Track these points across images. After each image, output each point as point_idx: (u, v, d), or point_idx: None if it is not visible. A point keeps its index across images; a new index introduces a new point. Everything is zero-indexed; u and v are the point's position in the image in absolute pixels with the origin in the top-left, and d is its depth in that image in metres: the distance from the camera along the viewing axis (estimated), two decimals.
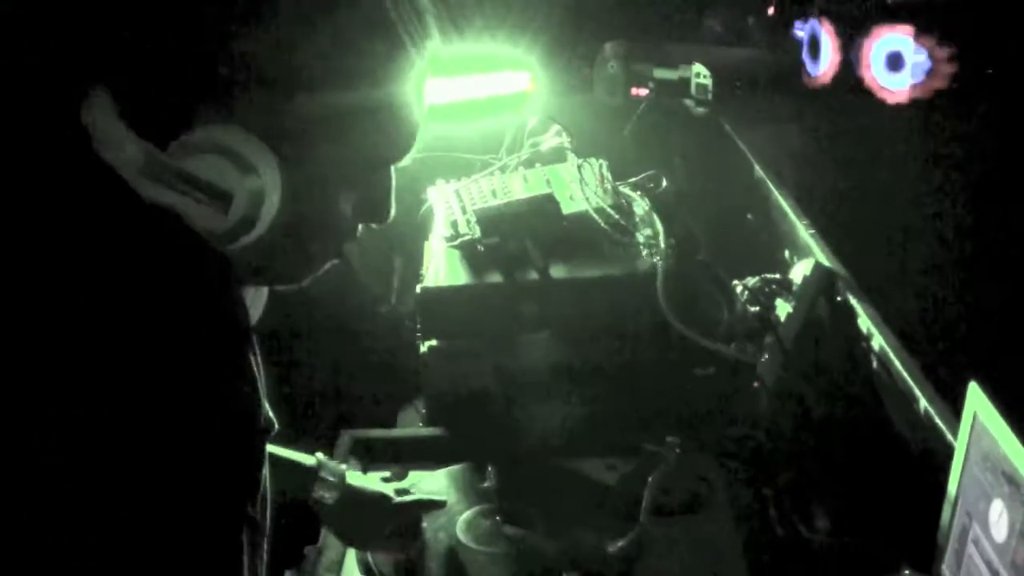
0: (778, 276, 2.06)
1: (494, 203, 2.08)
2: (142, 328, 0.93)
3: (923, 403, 1.62)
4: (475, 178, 2.26)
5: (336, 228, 1.11)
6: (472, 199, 2.15)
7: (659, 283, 1.93)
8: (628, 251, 2.03)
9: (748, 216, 2.56)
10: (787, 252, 2.25)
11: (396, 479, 1.74)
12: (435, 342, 1.96)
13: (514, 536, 1.65)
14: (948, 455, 1.43)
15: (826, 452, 1.80)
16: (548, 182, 2.20)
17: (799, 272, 2.04)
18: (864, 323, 1.85)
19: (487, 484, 1.76)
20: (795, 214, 2.25)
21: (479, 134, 2.60)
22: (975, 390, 1.35)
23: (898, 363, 1.71)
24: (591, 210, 2.07)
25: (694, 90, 2.81)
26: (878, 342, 1.79)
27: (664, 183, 2.24)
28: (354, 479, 1.62)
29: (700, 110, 2.82)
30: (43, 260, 0.92)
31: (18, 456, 0.89)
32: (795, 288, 2.02)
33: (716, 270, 2.10)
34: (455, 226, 2.09)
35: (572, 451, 1.87)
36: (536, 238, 2.00)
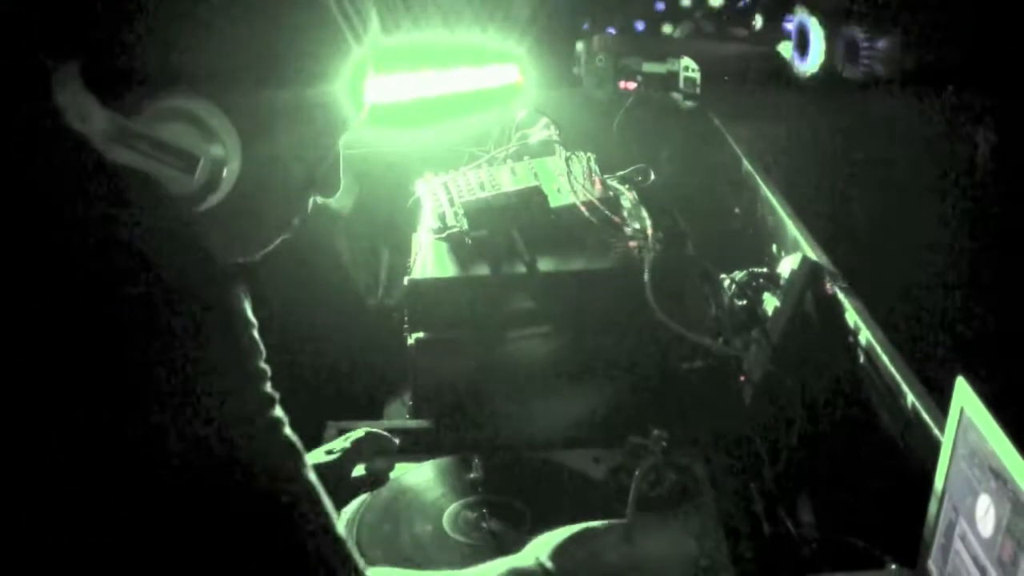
0: (765, 270, 2.06)
1: (482, 195, 2.08)
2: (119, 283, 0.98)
3: (910, 398, 1.62)
4: (463, 171, 2.26)
5: (289, 197, 1.21)
6: (460, 192, 2.15)
7: (646, 276, 1.92)
8: (615, 244, 2.03)
9: (736, 210, 2.56)
10: (775, 246, 2.25)
11: (373, 473, 1.75)
12: (422, 334, 1.96)
13: (499, 528, 1.65)
14: (935, 450, 1.43)
15: (812, 446, 1.80)
16: (536, 175, 2.20)
17: (786, 266, 2.04)
18: (851, 317, 1.85)
19: (473, 476, 1.76)
20: (783, 208, 2.25)
21: (468, 127, 2.60)
22: (962, 385, 1.35)
23: (885, 358, 1.71)
24: (579, 203, 2.07)
25: (682, 83, 2.81)
26: (865, 336, 1.79)
27: (652, 176, 2.24)
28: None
29: (688, 103, 2.82)
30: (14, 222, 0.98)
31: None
32: (782, 282, 2.02)
33: (704, 264, 2.10)
34: (443, 218, 2.09)
35: (558, 443, 1.87)
36: (524, 231, 1.99)
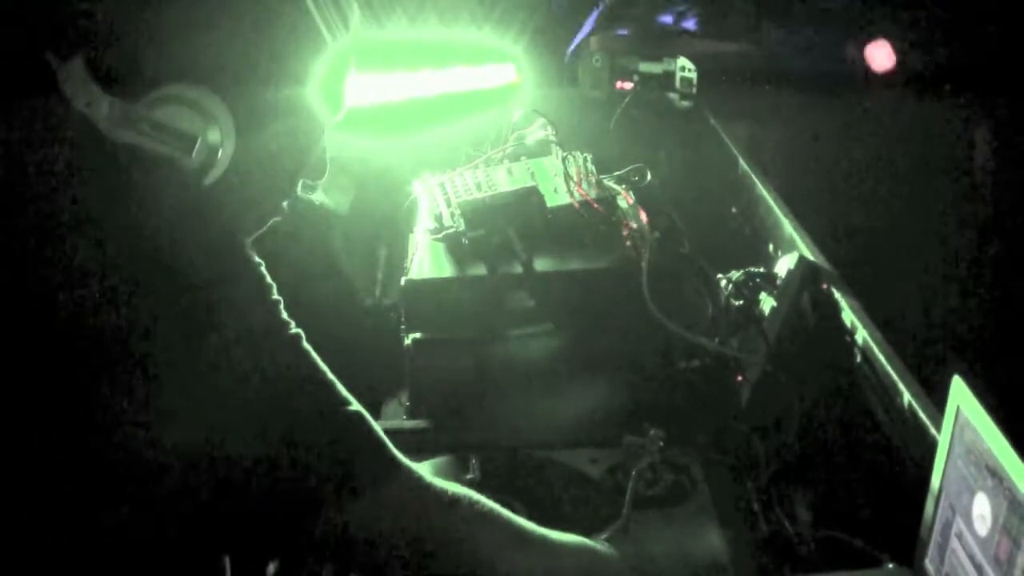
0: (762, 270, 2.06)
1: (478, 196, 2.08)
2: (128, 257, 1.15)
3: (907, 397, 1.62)
4: (460, 171, 2.26)
5: (278, 181, 1.31)
6: (457, 192, 2.15)
7: (643, 276, 1.92)
8: (612, 244, 2.03)
9: (733, 210, 2.56)
10: (771, 246, 2.25)
11: None
12: (419, 334, 1.96)
13: None
14: (931, 449, 1.44)
15: (809, 445, 1.80)
16: (533, 175, 2.19)
17: (783, 266, 2.05)
18: (848, 317, 1.85)
19: (470, 476, 1.76)
20: (780, 208, 2.25)
21: (465, 127, 2.60)
22: (958, 384, 1.36)
23: (882, 357, 1.72)
24: (575, 203, 2.07)
25: (679, 83, 2.81)
26: (861, 336, 1.79)
27: (648, 176, 2.24)
28: None
29: (685, 103, 2.82)
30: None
31: None
32: (779, 282, 2.02)
33: (700, 263, 2.10)
34: (439, 219, 2.09)
35: (555, 443, 1.87)
36: (520, 231, 1.99)
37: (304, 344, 1.27)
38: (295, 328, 1.27)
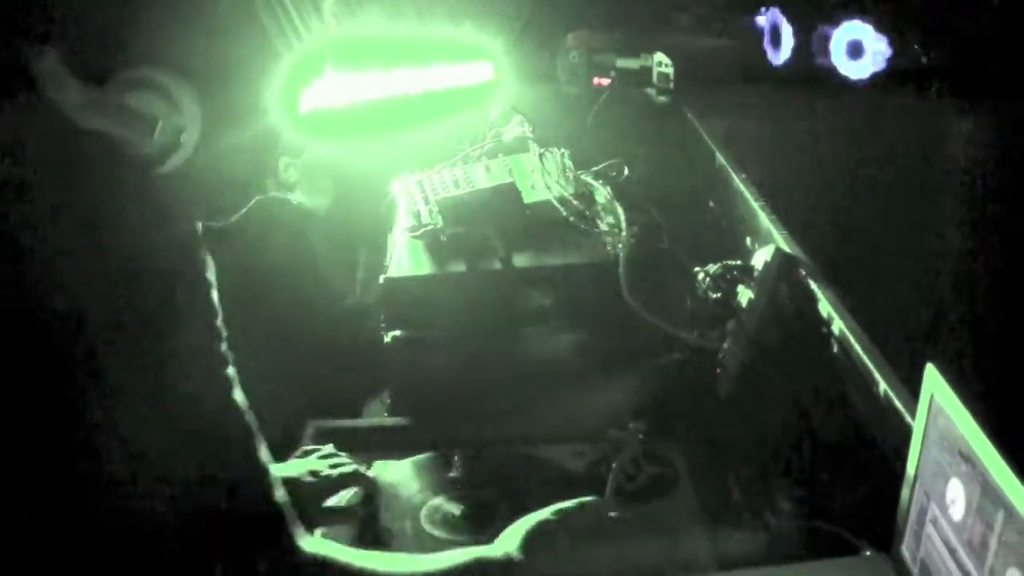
0: (739, 262, 2.07)
1: (456, 193, 2.09)
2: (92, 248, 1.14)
3: (883, 386, 1.63)
4: (438, 169, 2.27)
5: (255, 160, 1.31)
6: (435, 190, 2.16)
7: (621, 270, 1.93)
8: (591, 239, 2.04)
9: (710, 204, 2.57)
10: (749, 239, 2.26)
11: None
12: (399, 332, 1.96)
13: (478, 523, 1.66)
14: (908, 437, 1.45)
15: (789, 436, 1.81)
16: (511, 171, 2.21)
17: (760, 258, 2.05)
18: (824, 308, 1.86)
19: (453, 473, 1.77)
20: (756, 201, 2.26)
21: (443, 126, 2.61)
22: (932, 371, 1.37)
23: (858, 347, 1.73)
24: (553, 199, 2.08)
25: (656, 79, 2.83)
26: (838, 326, 1.80)
27: (626, 171, 2.25)
28: None
29: (662, 99, 2.83)
30: None
31: None
32: (756, 274, 2.03)
33: (679, 257, 2.11)
34: (418, 216, 2.10)
35: (537, 438, 1.88)
36: (498, 227, 2.00)
37: (236, 395, 1.25)
38: (232, 370, 1.24)
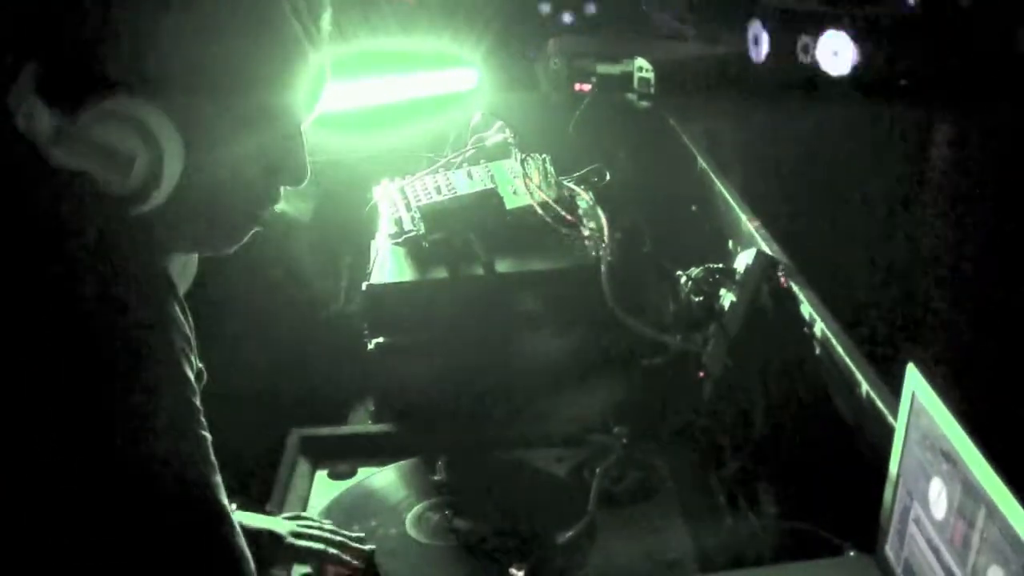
0: (721, 266, 2.07)
1: (438, 199, 2.09)
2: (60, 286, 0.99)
3: (865, 387, 1.64)
4: (420, 175, 2.27)
5: (245, 194, 1.20)
6: (417, 196, 2.16)
7: (604, 275, 1.94)
8: (573, 244, 2.05)
9: (692, 208, 2.58)
10: (731, 242, 2.27)
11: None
12: (382, 339, 1.96)
13: (463, 529, 1.66)
14: (890, 437, 1.45)
15: (772, 437, 1.81)
16: (492, 177, 2.21)
17: (742, 261, 2.06)
18: (806, 309, 1.87)
19: (438, 479, 1.77)
20: (738, 205, 2.27)
21: (425, 132, 2.61)
22: (912, 371, 1.37)
23: (840, 348, 1.73)
24: (535, 204, 2.08)
25: (637, 84, 2.84)
26: (820, 328, 1.81)
27: (607, 176, 2.25)
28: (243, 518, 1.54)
29: (643, 104, 2.84)
30: None
31: None
32: (738, 277, 2.03)
33: (661, 261, 2.11)
34: (400, 223, 2.10)
35: (521, 443, 1.88)
36: (480, 233, 2.01)
37: (211, 456, 1.07)
38: (206, 429, 1.07)
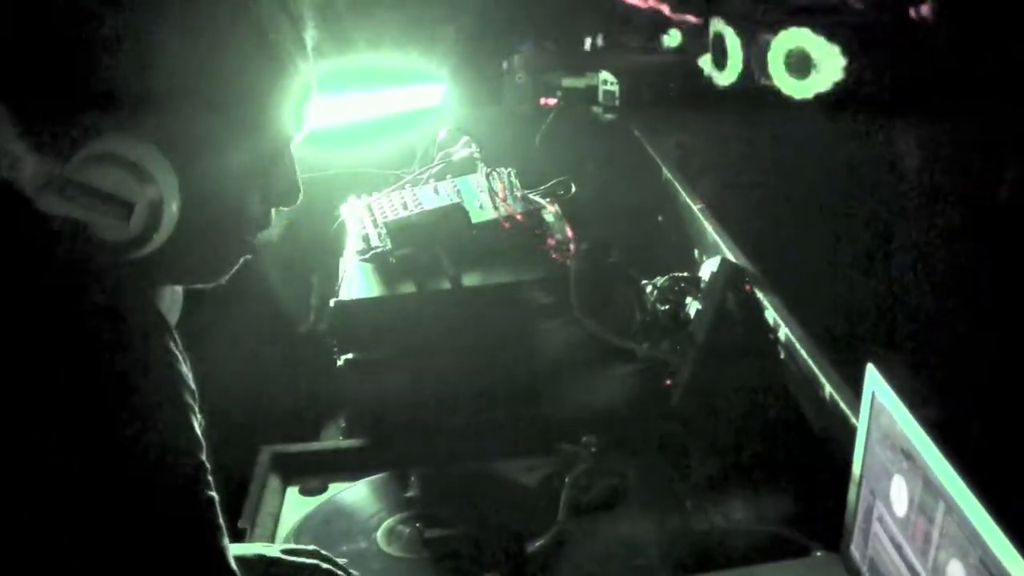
0: (686, 274, 2.09)
1: (404, 215, 2.10)
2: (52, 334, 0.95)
3: (828, 389, 1.65)
4: (387, 192, 2.28)
5: (243, 223, 1.19)
6: (383, 212, 2.17)
7: (571, 286, 1.95)
8: (540, 256, 2.06)
9: (659, 218, 2.60)
10: (697, 251, 2.29)
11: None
12: (351, 355, 1.97)
13: (435, 541, 1.66)
14: (854, 438, 1.47)
15: (739, 443, 1.83)
16: (459, 192, 2.22)
17: (708, 269, 2.08)
18: (771, 315, 1.88)
19: (410, 494, 1.77)
20: (702, 214, 2.29)
21: (392, 149, 2.62)
22: (872, 371, 1.39)
23: (804, 352, 1.75)
24: (501, 218, 2.10)
25: (602, 97, 2.86)
26: (784, 333, 1.83)
27: (573, 189, 2.27)
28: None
29: (608, 116, 2.86)
30: None
31: None
32: (704, 285, 2.05)
33: (628, 271, 2.13)
34: (367, 239, 2.11)
35: (491, 455, 1.89)
36: (447, 247, 2.02)
37: (209, 481, 1.04)
38: (207, 456, 1.04)
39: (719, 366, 1.92)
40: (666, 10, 3.25)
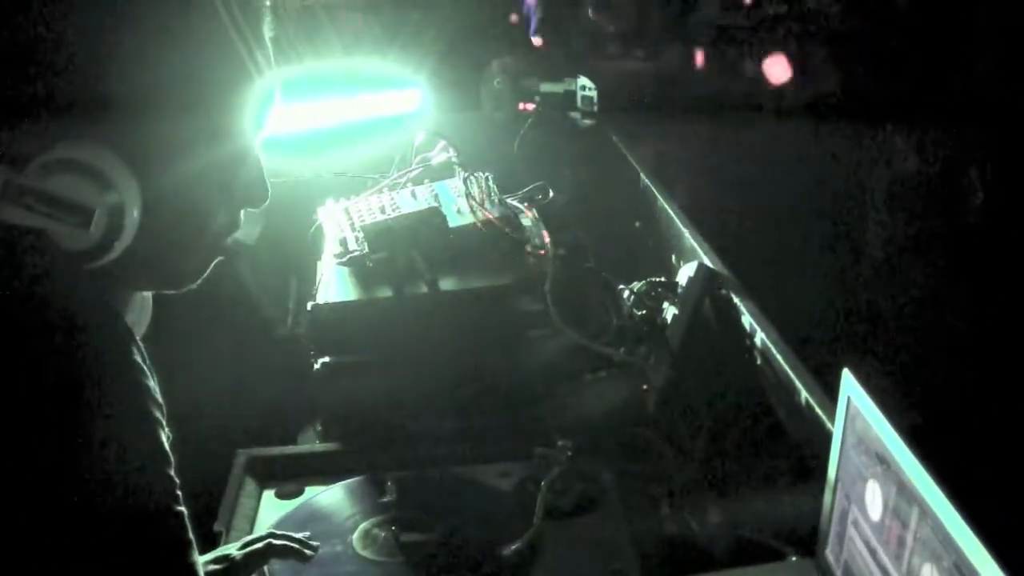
0: (663, 279, 2.10)
1: (381, 219, 2.10)
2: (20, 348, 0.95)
3: (804, 394, 1.66)
4: (364, 196, 2.28)
5: (208, 225, 1.17)
6: (361, 216, 2.16)
7: (547, 290, 1.95)
8: (516, 261, 2.06)
9: (636, 224, 2.60)
10: (674, 257, 2.29)
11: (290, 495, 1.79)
12: (328, 359, 1.97)
13: (409, 544, 1.66)
14: (829, 443, 1.47)
15: (715, 447, 1.83)
16: (436, 197, 2.22)
17: (684, 274, 2.08)
18: (747, 320, 1.89)
19: (387, 499, 1.77)
20: (680, 220, 2.30)
21: (370, 153, 2.62)
22: (847, 376, 1.40)
23: (779, 357, 1.76)
24: (478, 222, 2.10)
25: (580, 103, 2.86)
26: (760, 338, 1.83)
27: (551, 194, 2.27)
28: None
29: (586, 122, 2.87)
30: None
31: None
32: (680, 290, 2.06)
33: (605, 276, 2.13)
34: (344, 243, 2.11)
35: (467, 459, 1.88)
36: (424, 252, 2.01)
37: (179, 494, 1.04)
38: (174, 469, 1.04)
39: (695, 371, 1.93)
40: None
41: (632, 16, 3.30)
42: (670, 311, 2.03)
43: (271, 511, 1.80)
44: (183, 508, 1.04)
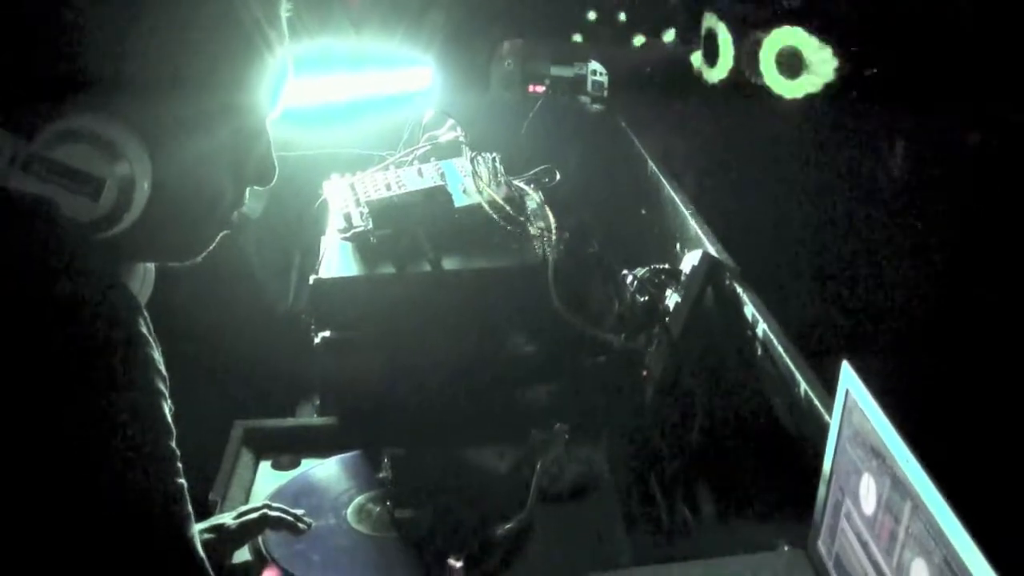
0: (667, 266, 2.09)
1: (387, 195, 2.10)
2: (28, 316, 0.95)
3: (803, 387, 1.66)
4: (370, 172, 2.28)
5: (217, 201, 1.18)
6: (366, 192, 2.16)
7: (550, 274, 1.95)
8: (520, 243, 2.06)
9: (642, 211, 2.60)
10: (678, 245, 2.29)
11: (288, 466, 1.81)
12: (328, 333, 1.97)
13: (402, 520, 1.67)
14: (826, 435, 1.47)
15: (712, 436, 1.83)
16: (442, 175, 2.22)
17: (688, 263, 2.08)
18: (749, 311, 1.89)
19: (382, 475, 1.77)
20: (685, 207, 2.29)
21: (378, 130, 2.62)
22: (847, 369, 1.39)
23: (780, 348, 1.75)
24: (483, 203, 2.09)
25: (590, 87, 2.86)
26: (761, 329, 1.83)
27: (557, 177, 2.27)
28: None
29: (596, 107, 2.86)
30: None
31: None
32: (683, 278, 2.05)
33: (608, 261, 2.13)
34: (348, 219, 2.10)
35: (463, 439, 1.89)
36: (428, 230, 2.01)
37: (180, 470, 1.04)
38: (180, 476, 1.04)
39: (695, 360, 1.92)
40: None
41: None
42: (672, 299, 2.03)
43: (267, 482, 1.81)
44: (183, 480, 1.04)
